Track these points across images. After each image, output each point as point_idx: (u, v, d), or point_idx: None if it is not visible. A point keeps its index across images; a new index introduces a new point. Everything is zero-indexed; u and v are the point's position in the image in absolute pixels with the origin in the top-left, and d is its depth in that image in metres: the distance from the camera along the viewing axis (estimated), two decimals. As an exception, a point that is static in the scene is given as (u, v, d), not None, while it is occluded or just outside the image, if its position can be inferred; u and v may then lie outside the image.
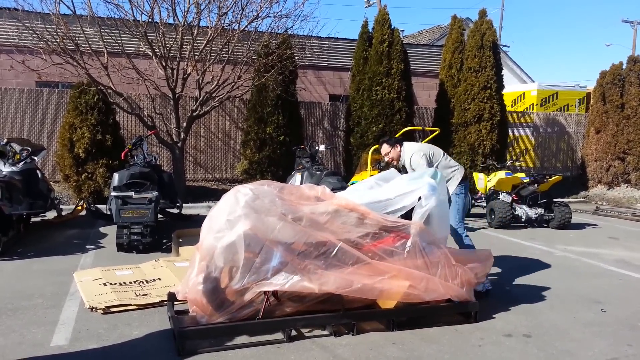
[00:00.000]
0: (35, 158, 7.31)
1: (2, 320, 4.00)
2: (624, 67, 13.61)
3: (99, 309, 4.18)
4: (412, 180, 4.28)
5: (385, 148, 5.28)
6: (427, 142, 8.99)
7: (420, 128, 10.50)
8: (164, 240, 6.81)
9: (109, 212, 7.14)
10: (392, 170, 4.67)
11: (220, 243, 3.64)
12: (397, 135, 9.93)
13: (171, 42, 9.30)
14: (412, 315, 4.12)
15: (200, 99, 9.82)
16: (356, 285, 3.69)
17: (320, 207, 3.94)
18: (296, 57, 10.97)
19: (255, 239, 3.65)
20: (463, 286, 4.11)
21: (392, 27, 11.32)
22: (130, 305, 4.31)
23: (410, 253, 3.96)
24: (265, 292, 3.72)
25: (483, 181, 9.74)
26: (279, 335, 3.75)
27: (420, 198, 4.10)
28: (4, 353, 3.43)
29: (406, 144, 5.29)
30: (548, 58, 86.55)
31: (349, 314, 3.90)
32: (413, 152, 5.11)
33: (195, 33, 9.33)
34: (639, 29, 30.75)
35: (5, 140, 7.22)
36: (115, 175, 6.88)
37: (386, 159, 5.38)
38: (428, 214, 4.09)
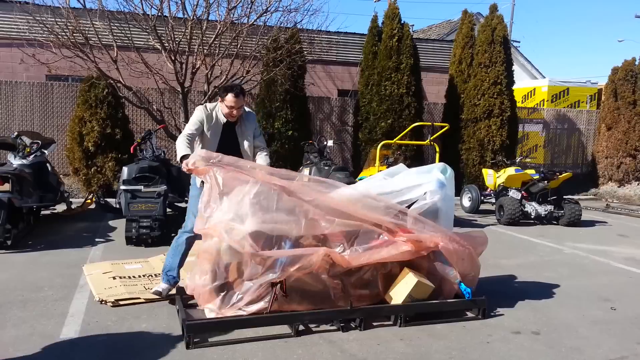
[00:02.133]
0: (46, 151, 7.36)
1: (12, 311, 4.03)
2: (636, 63, 13.46)
3: (108, 302, 4.21)
4: (421, 174, 4.26)
5: (241, 100, 4.48)
6: (435, 137, 8.96)
7: (429, 124, 10.43)
8: (173, 234, 6.80)
9: (118, 206, 7.18)
10: (401, 166, 4.64)
11: (227, 238, 3.65)
12: (405, 132, 9.91)
13: (180, 36, 9.30)
14: (420, 311, 4.11)
15: (209, 93, 9.82)
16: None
17: (324, 200, 3.95)
18: (305, 52, 10.95)
19: (262, 234, 3.66)
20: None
21: (402, 22, 11.27)
22: (139, 298, 4.33)
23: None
24: (272, 287, 3.72)
25: (492, 177, 9.69)
26: (286, 330, 3.76)
27: (425, 193, 4.09)
28: (15, 344, 3.46)
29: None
30: (559, 54, 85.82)
31: (356, 310, 3.89)
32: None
33: (204, 27, 9.32)
34: (651, 24, 30.37)
35: (16, 134, 7.26)
36: (125, 169, 6.92)
37: (233, 111, 4.45)
38: (436, 208, 4.08)
